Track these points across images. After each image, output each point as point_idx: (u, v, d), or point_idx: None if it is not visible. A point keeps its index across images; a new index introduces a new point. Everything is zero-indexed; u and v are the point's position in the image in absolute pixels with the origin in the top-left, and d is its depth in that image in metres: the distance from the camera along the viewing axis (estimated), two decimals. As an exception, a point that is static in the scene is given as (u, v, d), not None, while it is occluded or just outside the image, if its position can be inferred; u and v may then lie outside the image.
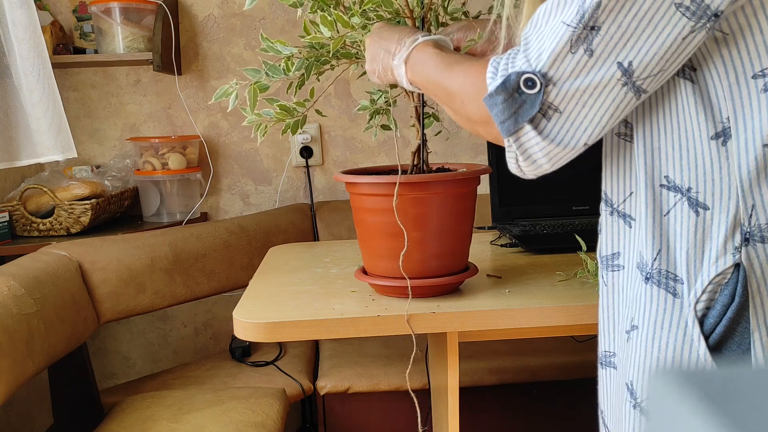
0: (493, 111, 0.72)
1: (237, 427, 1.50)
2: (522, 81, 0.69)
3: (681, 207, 0.70)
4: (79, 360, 1.73)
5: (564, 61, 0.68)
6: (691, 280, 0.69)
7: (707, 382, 0.26)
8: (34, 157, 1.83)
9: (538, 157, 0.73)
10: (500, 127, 0.72)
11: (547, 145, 0.71)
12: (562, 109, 0.69)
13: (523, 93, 0.70)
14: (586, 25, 0.66)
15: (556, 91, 0.69)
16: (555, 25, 0.68)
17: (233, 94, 1.02)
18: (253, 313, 1.07)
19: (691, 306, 0.68)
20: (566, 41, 0.67)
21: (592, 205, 1.72)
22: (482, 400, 1.92)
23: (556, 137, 0.71)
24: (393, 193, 1.05)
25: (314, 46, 1.04)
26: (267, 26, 2.33)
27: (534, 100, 0.69)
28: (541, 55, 0.69)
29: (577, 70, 0.68)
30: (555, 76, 0.68)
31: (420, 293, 1.10)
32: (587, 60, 0.67)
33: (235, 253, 2.00)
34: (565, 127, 0.70)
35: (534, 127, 0.70)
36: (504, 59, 0.72)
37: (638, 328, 0.73)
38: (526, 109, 0.70)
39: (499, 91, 0.71)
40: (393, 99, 1.19)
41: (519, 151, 0.73)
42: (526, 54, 0.70)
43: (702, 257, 0.68)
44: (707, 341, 0.68)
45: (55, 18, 2.23)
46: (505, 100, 0.71)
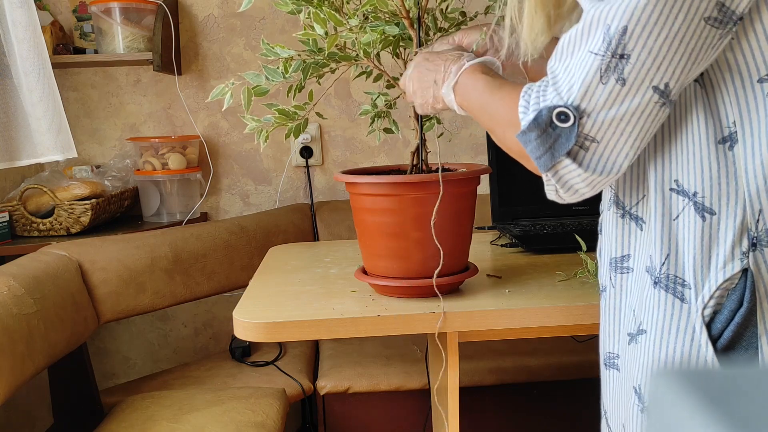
0: (527, 147, 0.71)
1: (237, 427, 1.50)
2: (554, 115, 0.69)
3: (688, 212, 0.69)
4: (79, 360, 1.73)
5: (596, 92, 0.67)
6: (699, 285, 0.68)
7: (707, 382, 0.26)
8: (34, 157, 1.83)
9: (579, 186, 0.72)
10: (537, 162, 0.72)
11: (589, 175, 0.70)
12: (599, 139, 0.68)
13: (557, 127, 0.69)
14: (615, 53, 0.65)
15: (591, 123, 0.68)
16: (582, 55, 0.67)
17: (228, 94, 1.02)
18: (253, 313, 1.07)
19: (699, 311, 0.68)
20: (596, 71, 0.66)
21: (592, 205, 1.72)
22: (482, 400, 1.92)
23: (597, 166, 0.70)
24: (393, 193, 1.05)
25: (312, 49, 1.04)
26: (267, 26, 2.33)
27: (569, 134, 0.68)
28: (572, 88, 0.68)
29: (611, 100, 0.67)
30: (588, 107, 0.67)
31: (420, 293, 1.10)
32: (620, 89, 0.66)
33: (235, 253, 2.00)
34: (605, 155, 0.69)
35: (572, 159, 0.70)
36: (534, 92, 0.71)
37: (646, 332, 0.73)
38: (561, 143, 0.69)
39: (531, 128, 0.70)
40: (393, 101, 1.19)
41: (558, 183, 0.72)
42: (555, 87, 0.69)
43: (709, 262, 0.68)
44: (715, 346, 0.68)
45: (55, 18, 2.23)
46: (539, 136, 0.70)
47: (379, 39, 1.05)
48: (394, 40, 1.07)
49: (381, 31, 1.04)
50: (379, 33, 1.03)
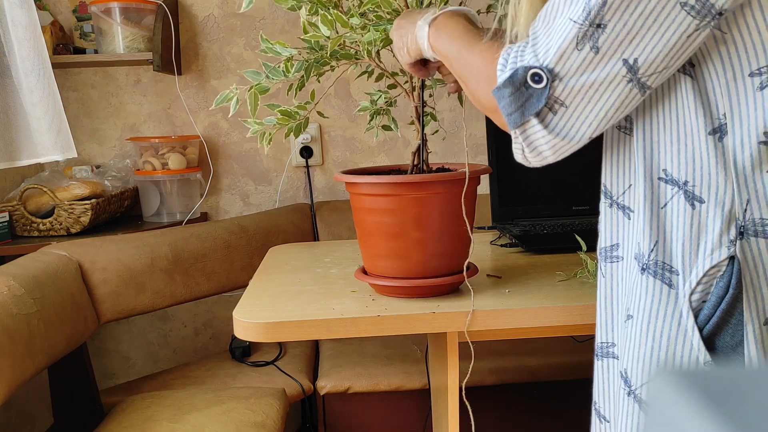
0: (500, 103, 0.74)
1: (237, 427, 1.50)
2: (529, 76, 0.71)
3: (677, 200, 0.71)
4: (79, 360, 1.73)
5: (570, 58, 0.69)
6: (687, 271, 0.70)
7: (707, 382, 0.26)
8: (34, 157, 1.83)
9: (544, 149, 0.74)
10: (507, 119, 0.74)
11: (552, 138, 0.73)
12: (567, 103, 0.71)
13: (530, 87, 0.71)
14: (593, 22, 0.67)
15: (562, 87, 0.70)
16: (562, 22, 0.70)
17: (234, 99, 1.02)
18: (253, 313, 1.07)
19: (686, 297, 0.70)
20: (573, 38, 0.69)
21: (592, 205, 1.72)
22: (482, 400, 1.92)
23: (561, 131, 0.72)
24: (393, 193, 1.05)
25: (314, 48, 1.04)
26: (267, 26, 2.33)
27: (540, 95, 0.71)
28: (548, 51, 0.70)
29: (583, 67, 0.69)
30: (561, 71, 0.70)
31: (420, 293, 1.10)
32: (593, 57, 0.68)
33: (235, 253, 2.00)
34: (570, 122, 0.72)
35: (540, 120, 0.72)
36: (514, 51, 0.74)
37: (633, 317, 0.75)
38: (532, 103, 0.72)
39: (506, 85, 0.73)
40: (393, 99, 1.19)
41: (525, 143, 0.75)
42: (534, 49, 0.72)
43: (697, 250, 0.70)
44: (701, 332, 0.69)
45: (55, 18, 2.23)
46: (512, 93, 0.72)
47: (381, 38, 1.05)
48: (396, 40, 1.07)
49: (383, 29, 1.04)
50: (381, 32, 1.03)
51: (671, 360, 0.71)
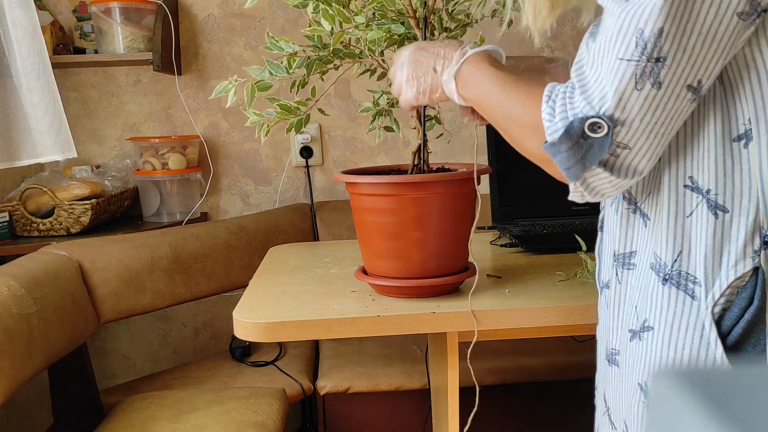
0: (556, 158, 0.69)
1: (237, 427, 1.50)
2: (587, 126, 0.66)
3: (701, 209, 0.69)
4: (79, 360, 1.73)
5: (630, 100, 0.65)
6: (709, 282, 0.68)
7: (709, 382, 0.26)
8: (34, 157, 1.83)
9: (606, 189, 0.71)
10: (566, 172, 0.70)
11: (616, 179, 0.69)
12: (632, 145, 0.67)
13: (589, 138, 0.67)
14: (650, 56, 0.63)
15: (626, 131, 0.66)
16: (611, 63, 0.65)
17: (232, 90, 1.02)
18: (253, 313, 1.07)
19: (709, 309, 0.68)
20: (630, 78, 0.64)
21: (592, 204, 1.73)
22: (482, 400, 1.92)
23: (627, 171, 0.69)
24: (393, 193, 1.05)
25: (317, 45, 1.04)
26: (267, 26, 2.33)
27: (602, 144, 0.66)
28: (605, 97, 0.66)
29: (646, 106, 0.65)
30: (622, 116, 0.65)
31: (420, 293, 1.10)
32: (656, 93, 0.64)
33: (235, 253, 2.00)
34: (637, 159, 0.68)
35: (603, 167, 0.68)
36: (560, 98, 0.69)
37: (653, 329, 0.73)
38: (594, 153, 0.67)
39: (562, 140, 0.68)
40: (395, 100, 1.19)
41: (586, 190, 0.71)
42: (585, 96, 0.67)
43: (720, 260, 0.68)
44: (724, 343, 0.67)
45: (55, 18, 2.23)
46: (570, 147, 0.68)
47: (385, 37, 1.05)
48: (400, 39, 1.07)
49: (387, 29, 1.04)
50: (385, 31, 1.03)
51: None
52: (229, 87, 1.02)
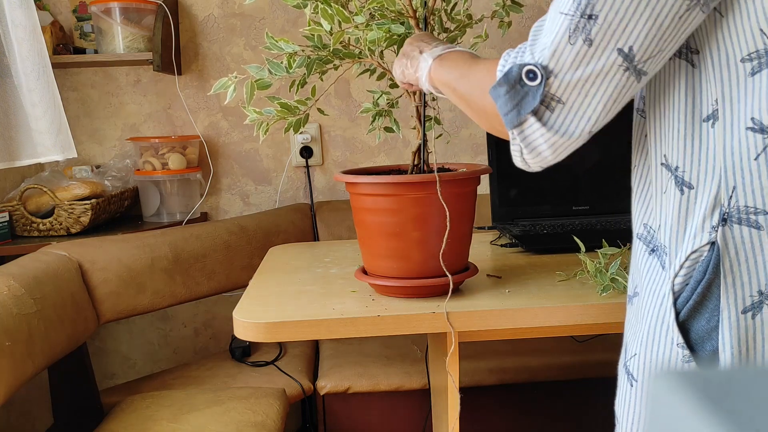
0: (497, 102, 0.73)
1: (237, 427, 1.50)
2: (524, 73, 0.70)
3: (670, 185, 0.73)
4: (79, 360, 1.73)
5: (564, 53, 0.69)
6: (673, 254, 0.72)
7: (707, 382, 0.26)
8: (34, 157, 1.83)
9: (543, 148, 0.73)
10: (504, 119, 0.73)
11: (551, 136, 0.72)
12: (564, 99, 0.70)
13: (525, 85, 0.70)
14: (584, 13, 0.67)
15: (558, 83, 0.69)
16: (554, 16, 0.70)
17: (231, 87, 1.02)
18: (253, 313, 1.07)
19: (671, 279, 0.71)
20: (564, 32, 0.68)
21: (592, 205, 1.73)
22: (482, 400, 1.92)
23: (560, 128, 0.71)
24: (393, 193, 1.05)
25: (317, 45, 1.04)
26: (267, 26, 2.33)
27: (536, 92, 0.70)
28: (544, 49, 0.70)
29: (578, 61, 0.68)
30: (556, 68, 0.69)
31: (420, 293, 1.10)
32: (587, 50, 0.68)
33: (235, 253, 2.00)
34: (569, 118, 0.71)
35: (537, 118, 0.71)
36: (514, 52, 0.73)
37: (639, 294, 0.78)
38: (528, 101, 0.71)
39: (501, 83, 0.72)
40: (395, 100, 1.19)
41: (523, 143, 0.74)
42: (531, 47, 0.72)
43: (684, 234, 0.71)
44: (678, 315, 0.71)
45: (55, 18, 2.23)
46: (508, 91, 0.72)
47: (384, 37, 1.05)
48: (399, 39, 1.07)
49: (387, 29, 1.04)
50: (384, 31, 1.03)
51: (651, 336, 0.73)
52: (228, 84, 1.02)
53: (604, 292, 1.09)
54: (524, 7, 1.16)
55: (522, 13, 1.18)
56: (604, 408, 1.93)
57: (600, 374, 1.90)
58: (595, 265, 1.13)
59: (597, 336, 1.98)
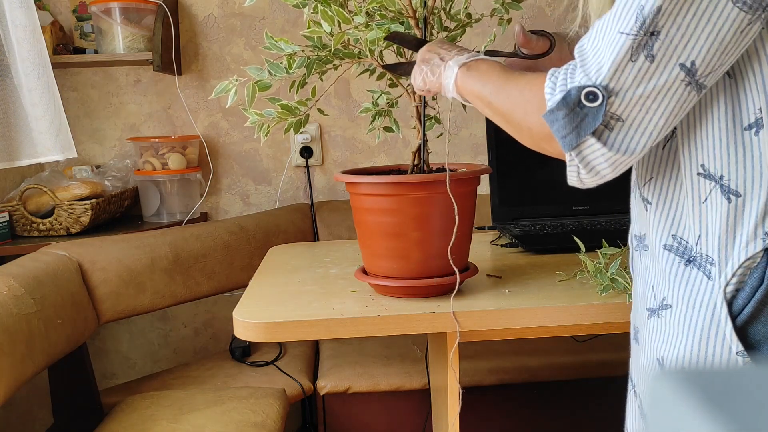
0: (553, 127, 0.73)
1: (237, 427, 1.50)
2: (583, 95, 0.70)
3: (715, 194, 0.73)
4: (79, 360, 1.73)
5: (625, 71, 0.69)
6: (722, 263, 0.72)
7: (707, 382, 0.26)
8: (34, 157, 1.83)
9: (603, 167, 0.73)
10: (562, 141, 0.73)
11: (612, 154, 0.72)
12: (625, 117, 0.70)
13: (585, 107, 0.70)
14: (647, 31, 0.67)
15: (619, 101, 0.69)
16: (611, 37, 0.69)
17: (232, 90, 1.02)
18: (253, 313, 1.07)
19: (721, 288, 0.71)
20: (626, 50, 0.68)
21: (592, 205, 1.73)
22: (482, 400, 1.92)
23: (621, 145, 0.71)
24: (393, 193, 1.05)
25: (317, 45, 1.04)
26: (267, 26, 2.33)
27: (596, 113, 0.70)
28: (601, 68, 0.69)
29: (639, 77, 0.68)
30: (617, 86, 0.69)
31: (420, 293, 1.10)
32: (649, 66, 0.68)
33: (235, 253, 2.00)
34: (629, 135, 0.71)
35: (597, 138, 0.71)
36: (562, 73, 0.73)
37: (671, 307, 0.77)
38: (588, 122, 0.70)
39: (559, 107, 0.72)
40: (395, 100, 1.19)
41: (582, 164, 0.74)
42: (584, 68, 0.71)
43: (734, 242, 0.71)
44: (734, 322, 0.71)
45: (55, 18, 2.23)
46: (567, 115, 0.71)
47: (384, 37, 1.05)
48: (399, 39, 1.07)
49: (386, 29, 1.04)
50: (384, 31, 1.03)
51: (704, 349, 0.73)
52: (229, 87, 1.02)
53: (604, 292, 1.09)
54: (523, 3, 1.16)
55: (521, 10, 1.18)
56: (604, 408, 1.93)
57: (600, 374, 1.90)
58: (595, 265, 1.13)
59: (597, 336, 1.98)
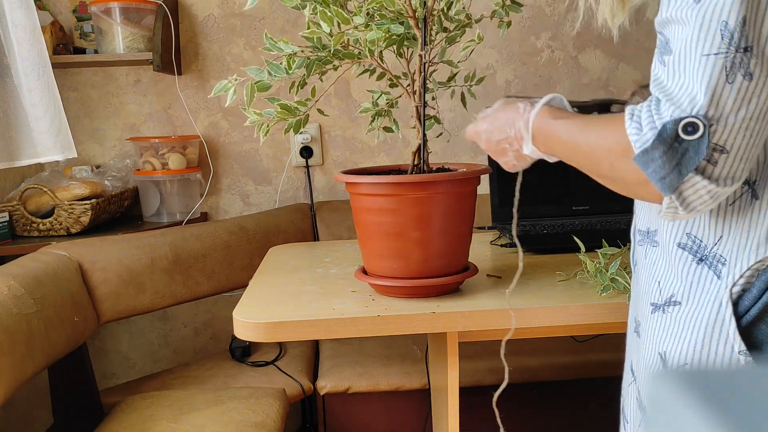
0: (648, 169, 0.67)
1: (237, 427, 1.50)
2: (681, 128, 0.64)
3: (746, 198, 0.71)
4: (79, 360, 1.73)
5: (723, 94, 0.63)
6: (732, 263, 0.72)
7: (707, 382, 0.26)
8: (34, 157, 1.83)
9: (704, 200, 0.67)
10: (660, 184, 0.67)
11: (716, 188, 0.66)
12: (728, 146, 0.65)
13: (684, 141, 0.64)
14: (738, 47, 0.62)
15: (722, 128, 0.64)
16: (696, 62, 0.64)
17: (231, 90, 1.02)
18: (253, 313, 1.07)
19: (728, 288, 0.71)
20: (720, 71, 0.63)
21: (592, 205, 1.73)
22: (482, 400, 1.92)
23: (727, 177, 0.66)
24: (393, 193, 1.05)
25: (316, 46, 1.04)
26: (267, 26, 2.33)
27: (698, 146, 0.64)
28: (695, 97, 0.64)
29: (740, 99, 0.63)
30: (717, 113, 0.64)
31: (420, 293, 1.10)
32: (748, 85, 0.63)
33: (235, 253, 2.00)
34: (735, 164, 0.65)
35: (701, 174, 0.65)
36: (645, 112, 0.67)
37: (680, 303, 0.76)
38: (690, 157, 0.65)
39: (655, 146, 0.65)
40: (394, 100, 1.19)
41: (682, 206, 0.68)
42: (671, 101, 0.66)
43: (746, 244, 0.71)
44: (739, 322, 0.71)
45: (55, 18, 2.23)
46: (664, 153, 0.65)
47: (384, 37, 1.05)
48: (399, 39, 1.07)
49: (386, 29, 1.04)
50: (384, 31, 1.03)
51: (707, 347, 0.73)
52: (228, 86, 1.02)
53: (604, 292, 1.09)
54: (523, 6, 1.16)
55: (521, 12, 1.18)
56: (604, 408, 1.93)
57: (600, 374, 1.90)
58: (595, 265, 1.13)
59: (597, 336, 1.98)
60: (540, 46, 2.41)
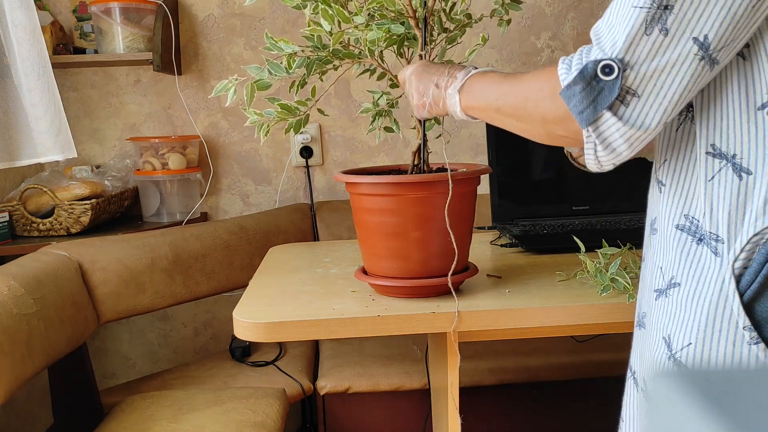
0: (571, 102, 0.74)
1: (237, 427, 1.50)
2: (599, 68, 0.71)
3: (725, 172, 0.74)
4: (79, 360, 1.73)
5: (640, 44, 0.70)
6: (731, 240, 0.73)
7: (707, 382, 0.26)
8: (34, 157, 1.83)
9: (619, 143, 0.74)
10: (579, 117, 0.74)
11: (627, 129, 0.73)
12: (640, 92, 0.71)
13: (601, 80, 0.71)
14: (660, 4, 0.68)
15: (634, 74, 0.71)
16: (625, 11, 0.71)
17: (232, 89, 1.02)
18: (253, 313, 1.07)
19: (730, 264, 0.72)
20: (640, 23, 0.69)
21: (592, 205, 1.73)
22: (482, 400, 1.92)
23: (636, 120, 0.72)
24: (393, 193, 1.05)
25: (317, 45, 1.04)
26: (267, 26, 2.33)
27: (612, 86, 0.71)
28: (616, 43, 0.71)
29: (654, 51, 0.70)
30: (632, 59, 0.70)
31: (420, 293, 1.10)
32: (663, 39, 0.69)
33: (235, 253, 2.00)
34: (645, 109, 0.72)
35: (613, 113, 0.72)
36: (576, 56, 0.74)
37: (680, 285, 0.78)
38: (604, 96, 0.72)
39: (576, 81, 0.73)
40: (395, 100, 1.19)
41: (598, 140, 0.74)
42: (599, 45, 0.72)
43: (743, 219, 0.72)
44: (742, 297, 0.71)
45: (55, 18, 2.23)
46: (583, 89, 0.73)
47: (384, 37, 1.05)
48: (399, 39, 1.07)
49: (386, 29, 1.04)
50: (384, 31, 1.03)
51: (711, 325, 0.73)
52: (228, 86, 1.02)
53: (604, 292, 1.09)
54: (523, 4, 1.16)
55: (521, 11, 1.18)
56: (604, 408, 1.93)
57: (600, 374, 1.90)
58: (595, 265, 1.13)
59: (597, 336, 1.98)
60: (540, 46, 2.41)
